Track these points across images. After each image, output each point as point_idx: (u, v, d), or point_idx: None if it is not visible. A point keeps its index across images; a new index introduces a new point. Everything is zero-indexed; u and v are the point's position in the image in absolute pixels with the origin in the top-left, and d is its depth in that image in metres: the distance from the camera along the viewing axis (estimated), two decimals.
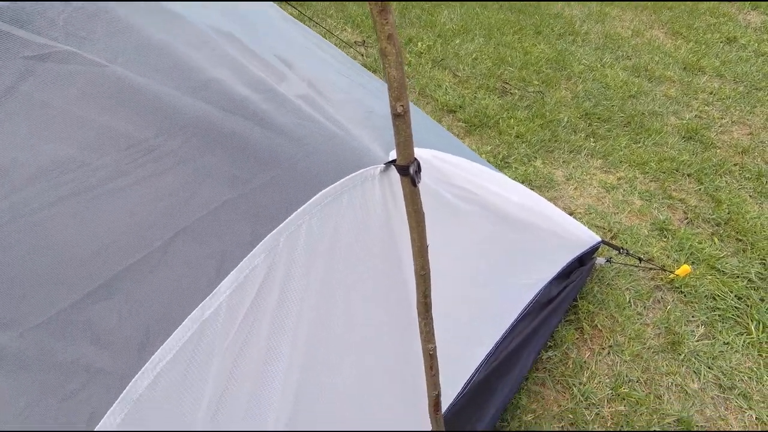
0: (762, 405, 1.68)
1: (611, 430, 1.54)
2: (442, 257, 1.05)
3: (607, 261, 1.98)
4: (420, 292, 0.77)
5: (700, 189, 2.49)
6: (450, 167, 1.03)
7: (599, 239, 1.81)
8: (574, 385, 1.71)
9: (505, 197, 1.29)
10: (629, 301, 1.96)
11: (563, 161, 2.61)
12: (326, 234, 0.72)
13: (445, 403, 1.24)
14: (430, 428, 1.01)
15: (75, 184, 0.67)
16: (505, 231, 1.27)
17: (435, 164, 0.97)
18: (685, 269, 1.97)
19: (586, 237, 1.75)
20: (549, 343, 1.82)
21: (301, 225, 0.68)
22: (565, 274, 1.74)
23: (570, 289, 1.73)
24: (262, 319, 0.69)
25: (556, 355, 1.79)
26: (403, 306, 0.88)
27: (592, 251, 1.82)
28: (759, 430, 1.62)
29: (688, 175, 2.56)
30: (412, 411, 1.06)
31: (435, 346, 0.84)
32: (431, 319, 0.82)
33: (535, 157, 2.61)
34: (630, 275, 2.05)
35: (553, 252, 1.61)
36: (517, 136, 2.74)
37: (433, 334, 0.84)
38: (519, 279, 1.45)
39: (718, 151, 2.76)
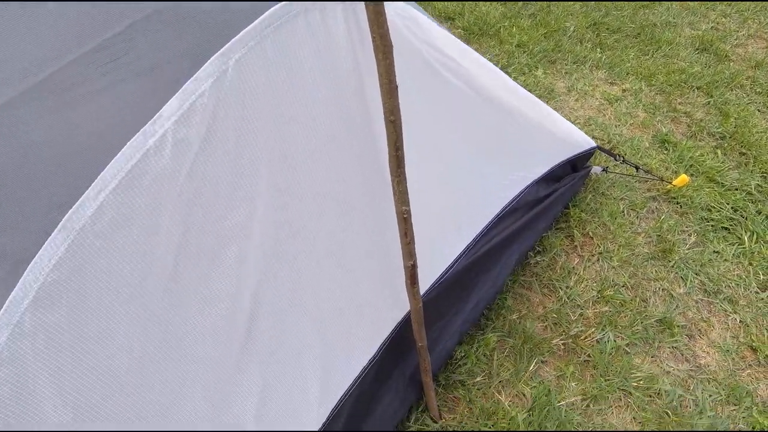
0: (747, 309, 1.69)
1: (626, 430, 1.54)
2: (422, 130, 0.99)
3: (603, 170, 1.92)
4: (391, 143, 0.71)
5: (708, 102, 2.37)
6: (435, 30, 0.93)
7: (594, 144, 1.73)
8: (560, 288, 1.71)
9: (494, 80, 1.20)
10: (623, 211, 1.92)
11: (566, 72, 2.47)
12: (283, 64, 0.65)
13: (421, 289, 1.23)
14: (406, 303, 1.00)
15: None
16: (492, 115, 1.19)
17: (420, 21, 0.88)
18: (683, 179, 1.91)
19: (580, 140, 1.67)
20: (538, 248, 1.80)
21: (253, 47, 0.60)
22: (556, 177, 1.69)
23: (560, 194, 1.67)
24: (218, 160, 0.64)
25: (544, 260, 1.78)
26: (373, 165, 0.82)
27: (586, 157, 1.75)
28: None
29: (697, 88, 2.43)
30: (387, 283, 1.04)
31: (409, 209, 0.80)
32: (404, 178, 0.77)
33: (537, 67, 2.46)
34: (626, 186, 2.00)
35: (543, 149, 1.54)
36: (519, 45, 2.57)
37: (407, 196, 0.79)
38: (504, 171, 1.39)
39: (731, 64, 2.60)
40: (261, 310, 0.84)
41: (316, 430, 0.99)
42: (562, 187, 1.68)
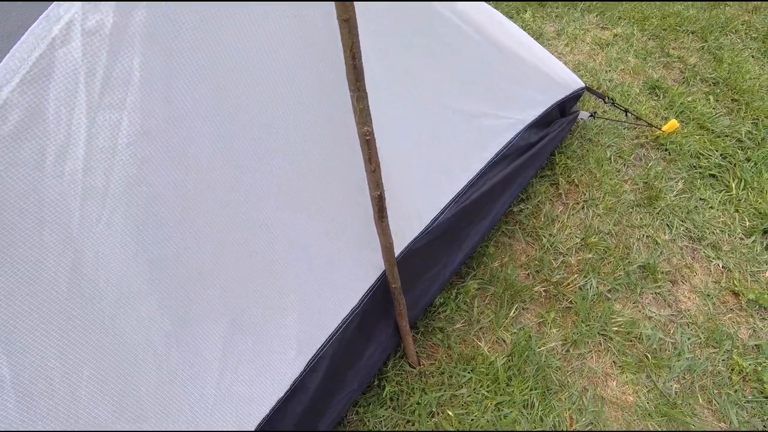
0: (731, 255, 1.67)
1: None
2: (416, 70, 0.91)
3: (591, 115, 1.84)
4: (346, 48, 0.63)
5: (702, 47, 2.28)
6: None
7: (583, 84, 1.66)
8: (543, 236, 1.67)
9: (488, 17, 1.11)
10: (610, 158, 1.87)
11: (556, 15, 2.35)
12: None
13: (410, 236, 1.18)
14: (377, 240, 0.94)
15: None
16: (484, 51, 1.10)
17: None
18: (672, 124, 1.85)
19: (569, 80, 1.59)
20: (521, 196, 1.75)
21: None
22: (545, 122, 1.61)
23: (549, 140, 1.61)
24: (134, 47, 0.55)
25: (528, 208, 1.73)
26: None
27: (574, 99, 1.67)
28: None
29: (692, 33, 2.34)
30: (373, 231, 0.99)
31: (371, 130, 0.73)
32: (365, 93, 0.69)
33: (525, 10, 2.34)
34: (614, 132, 1.94)
35: (537, 90, 1.46)
36: None
37: (368, 115, 0.72)
38: (499, 114, 1.32)
39: (727, 8, 2.50)
40: (226, 253, 0.79)
41: (289, 387, 0.95)
42: (552, 132, 1.61)
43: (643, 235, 1.70)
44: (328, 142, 0.87)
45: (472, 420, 1.31)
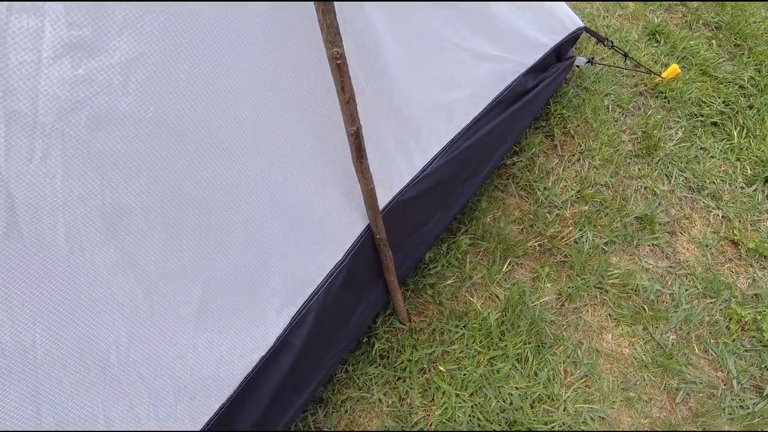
0: (731, 205, 1.62)
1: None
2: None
3: (589, 61, 1.75)
4: None
5: None
6: None
7: (582, 24, 1.55)
8: (537, 189, 1.60)
9: None
10: (607, 107, 1.78)
11: None
12: None
13: (398, 185, 1.10)
14: (355, 180, 0.87)
15: None
16: None
17: None
18: (673, 70, 1.76)
19: (566, 20, 1.49)
20: (515, 148, 1.67)
21: None
22: (542, 67, 1.52)
23: (545, 86, 1.51)
24: None
25: (521, 160, 1.66)
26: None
27: (572, 40, 1.57)
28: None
29: None
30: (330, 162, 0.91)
31: (342, 53, 0.64)
32: (332, 6, 0.60)
33: None
34: (612, 80, 1.84)
35: (534, 31, 1.35)
36: None
37: (338, 34, 0.63)
38: (499, 55, 1.22)
39: None
40: (195, 204, 0.72)
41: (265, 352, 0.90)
42: (548, 78, 1.52)
43: (641, 186, 1.64)
44: (301, 77, 0.78)
45: (465, 375, 1.28)
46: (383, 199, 1.05)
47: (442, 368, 1.29)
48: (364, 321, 1.21)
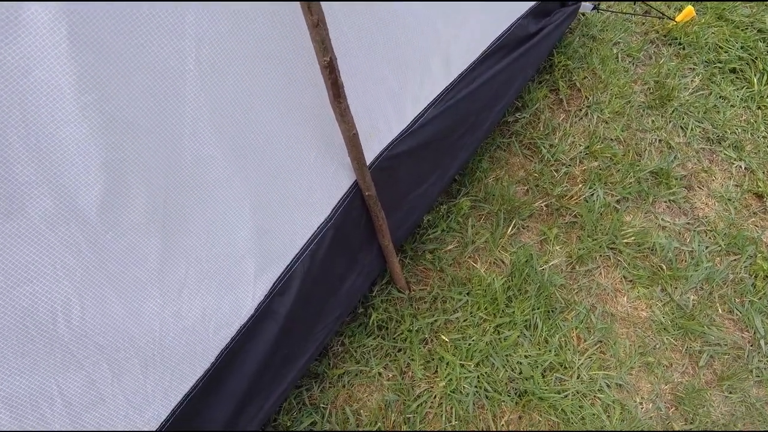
0: (753, 155, 1.50)
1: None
2: None
3: (594, 8, 1.61)
4: None
5: None
6: None
7: None
8: (543, 146, 1.49)
9: None
10: (616, 56, 1.65)
11: None
12: None
13: (388, 136, 1.00)
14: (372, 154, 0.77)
15: None
16: None
17: None
18: (688, 12, 1.62)
19: None
20: (517, 104, 1.56)
21: None
22: (544, 12, 1.39)
23: (548, 32, 1.39)
24: None
25: (524, 117, 1.54)
26: None
27: None
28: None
29: None
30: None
31: None
32: None
33: None
34: (620, 27, 1.71)
35: None
36: None
37: None
38: None
39: None
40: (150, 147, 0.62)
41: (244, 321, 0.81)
42: (551, 24, 1.39)
43: (655, 140, 1.52)
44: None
45: (470, 345, 1.19)
46: (370, 154, 0.95)
47: (445, 338, 1.21)
48: (359, 289, 1.12)
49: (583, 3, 1.58)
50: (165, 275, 0.70)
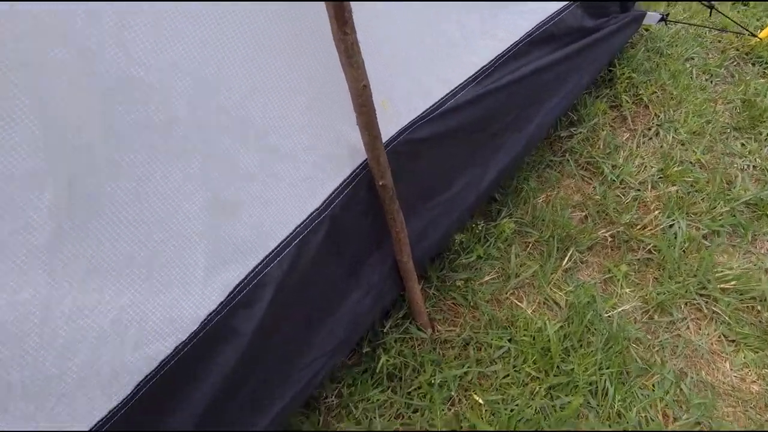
0: None
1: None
2: None
3: (662, 19, 1.40)
4: None
5: None
6: None
7: None
8: (604, 166, 1.22)
9: None
10: (690, 71, 1.41)
11: None
12: None
13: (406, 115, 0.77)
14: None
15: None
16: None
17: None
18: None
19: None
20: (571, 117, 1.32)
21: None
22: (601, 12, 1.19)
23: (607, 33, 1.18)
24: None
25: (580, 132, 1.29)
26: None
27: None
28: None
29: None
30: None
31: None
32: None
33: None
34: (692, 42, 1.48)
35: None
36: None
37: None
38: None
39: None
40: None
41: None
42: (610, 26, 1.19)
43: (748, 165, 1.23)
44: None
45: (512, 411, 0.86)
46: (387, 130, 0.72)
47: (478, 398, 0.88)
48: (363, 313, 0.83)
49: (648, 13, 1.37)
50: (60, 251, 0.46)
